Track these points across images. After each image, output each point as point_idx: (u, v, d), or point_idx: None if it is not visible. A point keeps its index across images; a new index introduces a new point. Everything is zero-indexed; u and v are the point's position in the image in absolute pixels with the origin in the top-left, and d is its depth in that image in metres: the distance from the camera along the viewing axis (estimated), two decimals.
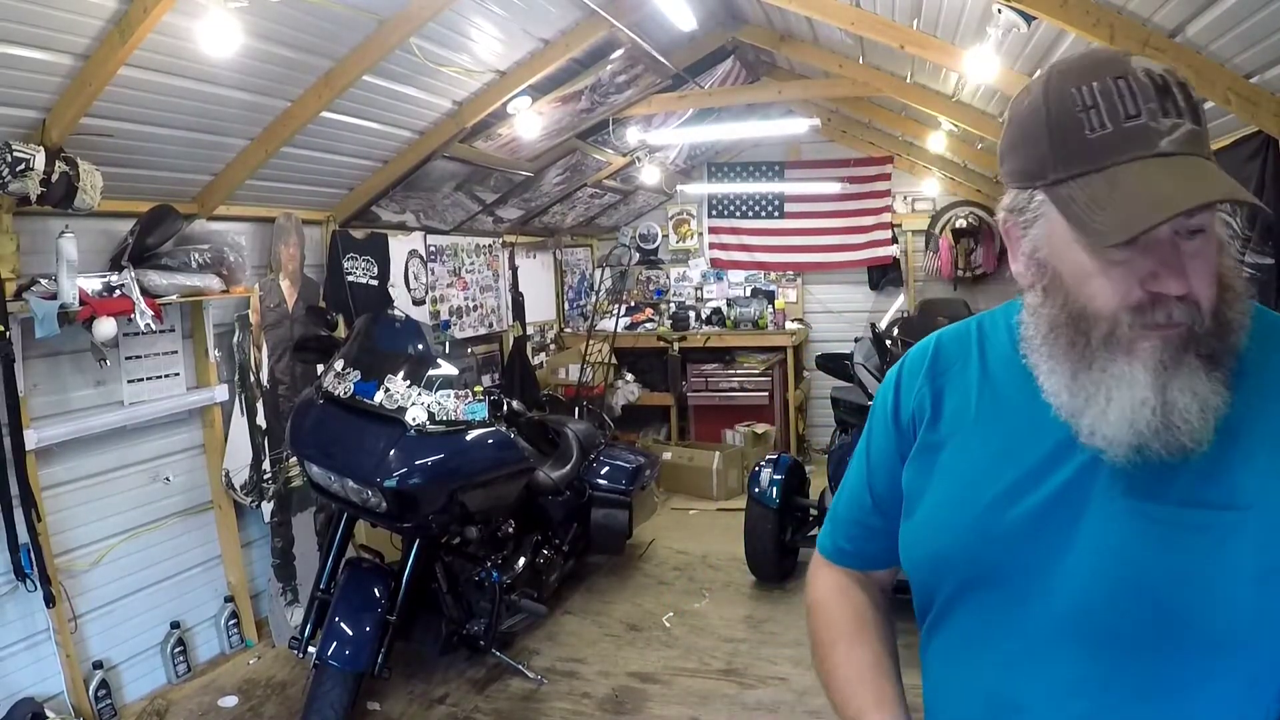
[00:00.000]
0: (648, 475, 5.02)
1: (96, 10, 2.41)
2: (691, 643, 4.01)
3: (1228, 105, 2.56)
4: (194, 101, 3.02)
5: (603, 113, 4.90)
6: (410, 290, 5.28)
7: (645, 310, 7.65)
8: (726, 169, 7.42)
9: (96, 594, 3.33)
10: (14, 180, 2.61)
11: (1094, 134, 0.79)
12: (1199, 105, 0.80)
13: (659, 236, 7.75)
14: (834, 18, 3.53)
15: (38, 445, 3.00)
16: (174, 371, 3.63)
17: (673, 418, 7.15)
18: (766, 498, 4.49)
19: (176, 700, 3.47)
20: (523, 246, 6.75)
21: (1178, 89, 0.79)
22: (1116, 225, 0.76)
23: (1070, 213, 0.81)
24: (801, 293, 7.58)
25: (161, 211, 3.22)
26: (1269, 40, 2.29)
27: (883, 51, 4.15)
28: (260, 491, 3.95)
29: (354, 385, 3.19)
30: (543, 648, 3.97)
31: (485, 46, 3.69)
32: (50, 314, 2.82)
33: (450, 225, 5.52)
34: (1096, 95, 0.79)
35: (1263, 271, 2.68)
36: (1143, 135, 0.78)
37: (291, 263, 4.20)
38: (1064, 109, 0.80)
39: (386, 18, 3.07)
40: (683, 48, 4.72)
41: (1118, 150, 0.78)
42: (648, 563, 5.06)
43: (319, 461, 3.16)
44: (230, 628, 3.88)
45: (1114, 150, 0.78)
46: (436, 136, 4.17)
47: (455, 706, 3.45)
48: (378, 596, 3.18)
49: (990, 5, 2.76)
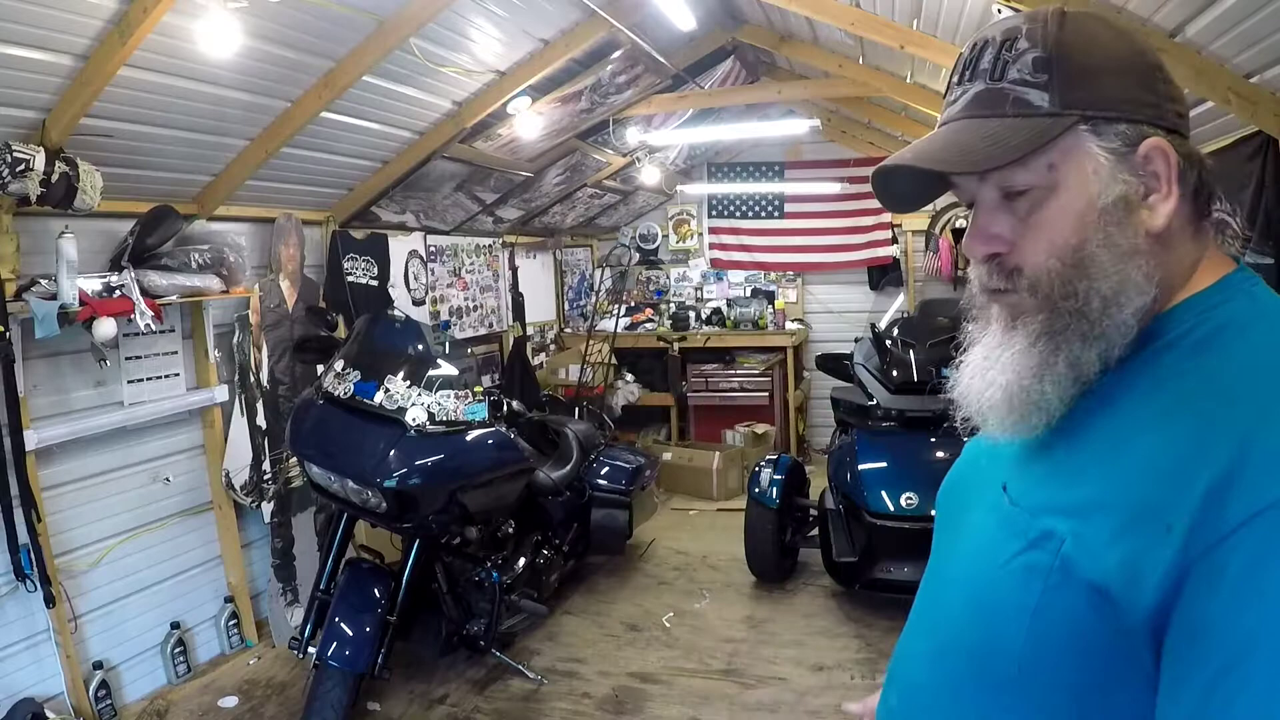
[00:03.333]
0: (648, 475, 5.02)
1: (96, 10, 2.41)
2: (691, 643, 4.01)
3: (1227, 105, 2.56)
4: (194, 102, 3.02)
5: (603, 113, 4.90)
6: (410, 290, 5.28)
7: (645, 310, 7.65)
8: (726, 169, 7.42)
9: (96, 594, 3.33)
10: (14, 181, 2.61)
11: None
12: (1010, 58, 0.77)
13: (659, 237, 7.75)
14: (834, 18, 3.53)
15: (38, 446, 3.00)
16: (174, 372, 3.63)
17: (673, 418, 7.15)
18: (766, 498, 4.49)
19: (176, 701, 3.47)
20: (523, 247, 6.75)
21: (989, 47, 0.79)
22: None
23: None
24: (801, 293, 7.58)
25: (161, 212, 3.22)
26: (1269, 40, 2.28)
27: (883, 51, 4.15)
28: (260, 492, 3.95)
29: (354, 385, 3.19)
30: (543, 648, 3.97)
31: (485, 47, 3.69)
32: (50, 314, 2.82)
33: (450, 225, 5.52)
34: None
35: (1262, 271, 2.67)
36: (943, 111, 0.82)
37: (291, 263, 4.20)
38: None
39: (386, 18, 3.07)
40: (683, 48, 4.72)
41: (910, 147, 0.83)
42: (648, 563, 5.06)
43: (319, 462, 3.16)
44: (230, 628, 3.88)
45: (908, 149, 0.82)
46: (436, 137, 4.17)
47: (455, 707, 3.45)
48: (378, 597, 3.18)
49: (990, 5, 2.76)
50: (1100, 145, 0.75)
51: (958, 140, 0.78)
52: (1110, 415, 0.75)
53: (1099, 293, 0.74)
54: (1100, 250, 0.74)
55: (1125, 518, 0.68)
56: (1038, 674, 0.72)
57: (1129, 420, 0.74)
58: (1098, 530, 0.69)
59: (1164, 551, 0.64)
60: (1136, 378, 0.75)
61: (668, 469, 6.29)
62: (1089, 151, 0.75)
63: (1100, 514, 0.70)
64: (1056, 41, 0.76)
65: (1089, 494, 0.73)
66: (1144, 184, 0.75)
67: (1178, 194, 0.75)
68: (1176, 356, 0.74)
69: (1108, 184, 0.74)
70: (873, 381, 4.59)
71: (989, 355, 0.82)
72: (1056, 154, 0.75)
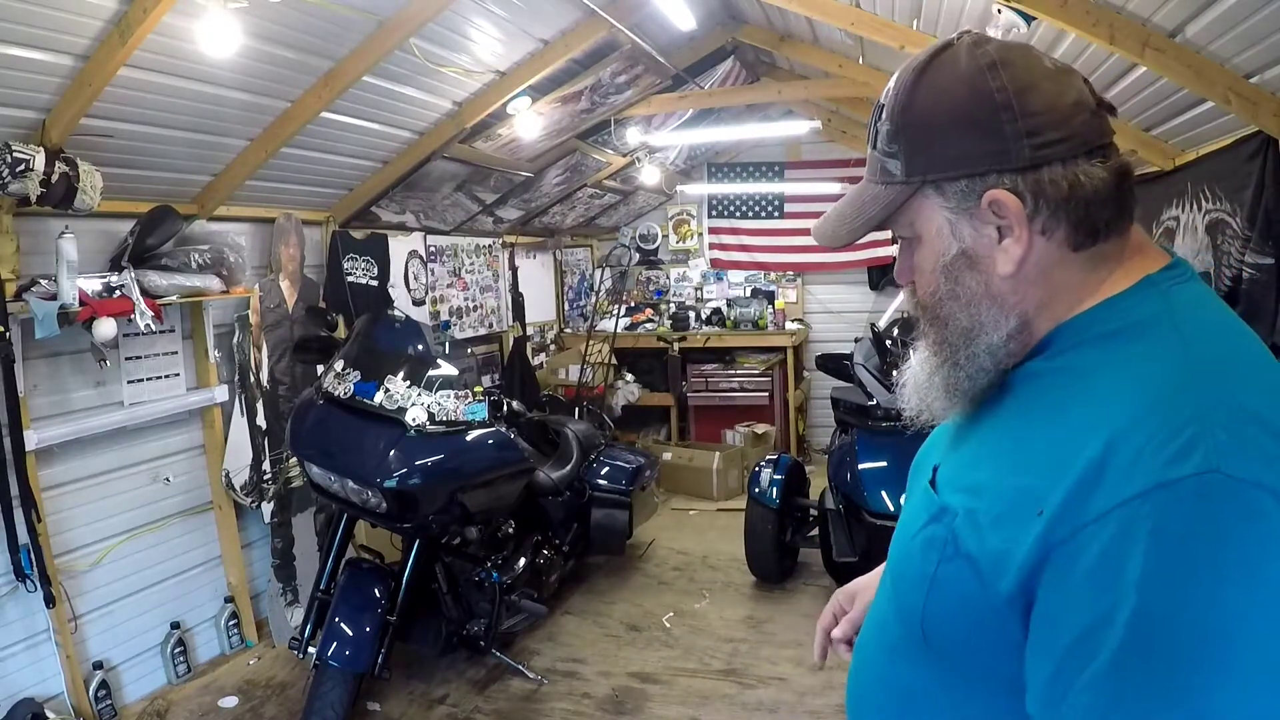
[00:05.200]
0: (648, 475, 5.02)
1: (96, 11, 2.41)
2: (691, 643, 4.01)
3: (1227, 105, 2.56)
4: (194, 102, 3.02)
5: (603, 113, 4.90)
6: (410, 290, 5.28)
7: (645, 310, 7.65)
8: (726, 169, 7.42)
9: (97, 594, 3.33)
10: (14, 181, 2.61)
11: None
12: (878, 129, 0.86)
13: (659, 237, 7.75)
14: (834, 18, 3.53)
15: (38, 446, 3.00)
16: (174, 372, 3.63)
17: (673, 418, 7.14)
18: (766, 498, 4.49)
19: (176, 701, 3.47)
20: (523, 247, 6.75)
21: (876, 113, 0.87)
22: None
23: None
24: (801, 293, 7.58)
25: (161, 212, 3.22)
26: (1269, 40, 2.28)
27: (883, 51, 4.14)
28: (260, 492, 3.95)
29: (354, 386, 3.18)
30: (543, 648, 3.97)
31: (485, 47, 3.69)
32: (50, 314, 2.82)
33: (450, 226, 5.52)
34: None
35: (1263, 272, 2.67)
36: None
37: (291, 263, 4.20)
38: None
39: (386, 18, 3.07)
40: (683, 48, 4.72)
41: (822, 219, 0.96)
42: (648, 563, 5.06)
43: (319, 462, 3.16)
44: (230, 628, 3.88)
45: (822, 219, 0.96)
46: (436, 137, 4.17)
47: (455, 707, 3.45)
48: (378, 597, 3.18)
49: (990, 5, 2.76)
50: (942, 205, 0.83)
51: (840, 211, 0.91)
52: (1010, 408, 0.84)
53: (954, 331, 0.86)
54: (948, 300, 0.85)
55: (1008, 502, 0.75)
56: (937, 638, 0.82)
57: (1023, 414, 0.82)
58: (986, 509, 0.77)
59: (1031, 533, 0.71)
60: (1036, 376, 0.83)
61: (668, 469, 6.29)
62: (935, 211, 0.83)
63: (989, 495, 0.78)
64: (904, 109, 0.83)
65: (983, 477, 0.81)
66: (999, 229, 0.81)
67: (1028, 235, 0.80)
68: (1072, 359, 0.80)
69: (949, 242, 0.83)
70: (872, 381, 4.58)
71: (917, 360, 0.94)
72: (913, 214, 0.85)
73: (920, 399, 0.92)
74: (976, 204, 0.80)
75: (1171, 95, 2.88)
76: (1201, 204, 3.10)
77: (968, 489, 0.82)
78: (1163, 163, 3.38)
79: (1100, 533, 0.66)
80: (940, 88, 0.81)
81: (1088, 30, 2.50)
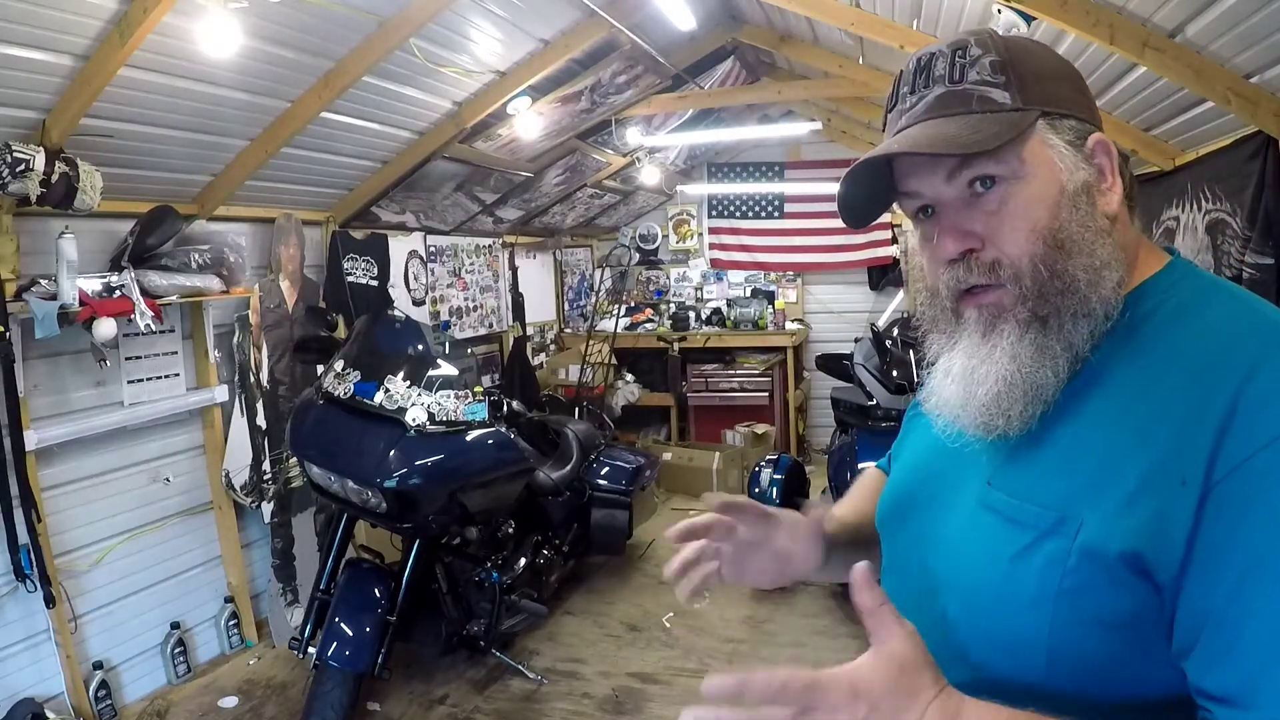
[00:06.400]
0: (648, 475, 5.02)
1: (96, 11, 2.41)
2: (691, 643, 4.01)
3: (1228, 105, 2.55)
4: (194, 102, 3.02)
5: (603, 113, 4.90)
6: (410, 291, 5.28)
7: (645, 310, 7.65)
8: (726, 169, 7.42)
9: (96, 594, 3.33)
10: (14, 181, 2.61)
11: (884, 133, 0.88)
12: (966, 63, 0.81)
13: (659, 237, 7.75)
14: (834, 18, 3.53)
15: (38, 446, 3.00)
16: (174, 372, 3.63)
17: (673, 418, 7.14)
18: (766, 498, 4.49)
19: (176, 701, 3.47)
20: (523, 247, 6.75)
21: (939, 58, 0.83)
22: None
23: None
24: (801, 293, 7.58)
25: (161, 212, 3.22)
26: (1269, 40, 2.28)
27: (883, 51, 4.14)
28: (260, 492, 3.95)
29: (354, 386, 3.19)
30: (543, 648, 3.97)
31: (485, 47, 3.69)
32: (50, 314, 2.82)
33: (450, 226, 5.52)
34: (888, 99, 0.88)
35: (1262, 272, 2.67)
36: (893, 121, 0.86)
37: (291, 263, 4.20)
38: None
39: (386, 18, 3.07)
40: (683, 48, 4.72)
41: (884, 144, 0.84)
42: (648, 563, 5.06)
43: (319, 462, 3.16)
44: (230, 628, 3.88)
45: (884, 145, 0.84)
46: (436, 137, 4.17)
47: (455, 707, 3.45)
48: (378, 597, 3.18)
49: (990, 5, 2.76)
50: (1059, 138, 0.80)
51: (941, 133, 0.79)
52: (1101, 392, 0.78)
53: (1084, 268, 0.78)
54: (1078, 230, 0.79)
55: (1138, 483, 0.70)
56: (1065, 659, 0.73)
57: (1120, 392, 0.76)
58: (1114, 502, 0.71)
59: (1183, 505, 0.68)
60: (1117, 352, 0.78)
61: (668, 469, 6.28)
62: (1052, 143, 0.80)
63: (1113, 486, 0.72)
64: (1007, 48, 0.82)
65: (1097, 470, 0.74)
66: (1094, 174, 0.81)
67: (1121, 183, 0.82)
68: (1154, 328, 0.78)
69: (1072, 171, 0.80)
70: (872, 381, 4.59)
71: (974, 355, 0.82)
72: (1021, 145, 0.79)
73: (1019, 393, 0.79)
74: (1082, 144, 0.81)
75: (1171, 95, 2.88)
76: (1201, 204, 3.10)
77: (1082, 490, 0.74)
78: (1163, 163, 3.38)
79: (1251, 475, 0.66)
80: (1028, 45, 0.84)
81: (1088, 30, 2.50)
